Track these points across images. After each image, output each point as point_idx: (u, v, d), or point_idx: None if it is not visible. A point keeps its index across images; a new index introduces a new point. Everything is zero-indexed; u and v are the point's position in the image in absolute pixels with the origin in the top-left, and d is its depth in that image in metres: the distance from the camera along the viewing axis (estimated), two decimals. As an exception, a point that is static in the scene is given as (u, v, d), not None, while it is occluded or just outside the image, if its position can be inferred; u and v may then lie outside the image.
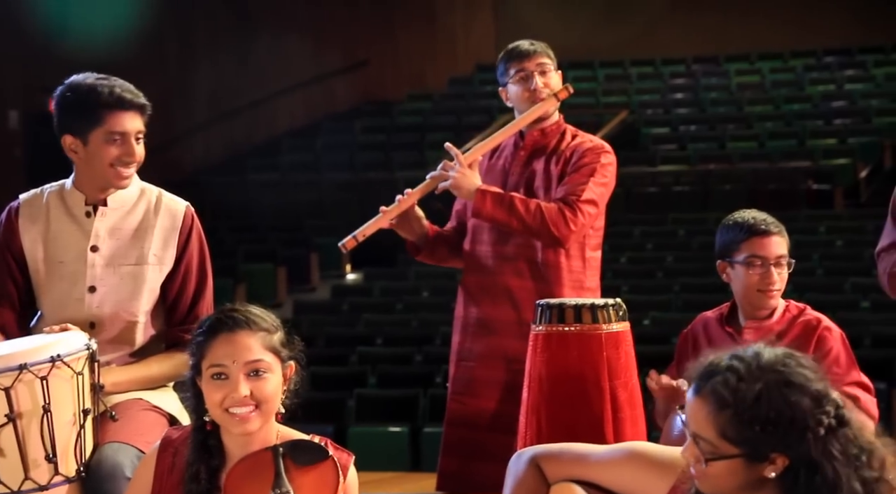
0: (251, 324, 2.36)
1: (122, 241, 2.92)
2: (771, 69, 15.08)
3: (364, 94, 15.51)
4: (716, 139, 13.57)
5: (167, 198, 3.02)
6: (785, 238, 3.16)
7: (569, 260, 3.61)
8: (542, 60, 3.68)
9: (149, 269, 2.92)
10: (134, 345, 2.90)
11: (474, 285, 3.68)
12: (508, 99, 3.76)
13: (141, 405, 2.78)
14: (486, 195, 3.57)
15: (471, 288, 3.70)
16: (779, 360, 1.87)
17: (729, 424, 1.79)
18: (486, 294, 3.65)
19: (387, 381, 8.09)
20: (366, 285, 11.00)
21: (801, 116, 13.74)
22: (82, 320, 2.83)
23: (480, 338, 3.63)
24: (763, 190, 12.25)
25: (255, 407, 2.34)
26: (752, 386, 1.80)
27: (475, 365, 3.62)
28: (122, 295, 2.89)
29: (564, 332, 2.82)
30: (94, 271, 2.89)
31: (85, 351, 2.62)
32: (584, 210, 3.55)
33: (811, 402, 1.81)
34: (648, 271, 10.48)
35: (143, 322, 2.90)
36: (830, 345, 3.10)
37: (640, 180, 12.68)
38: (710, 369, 1.87)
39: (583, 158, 3.61)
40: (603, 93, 14.94)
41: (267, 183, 13.17)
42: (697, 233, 11.29)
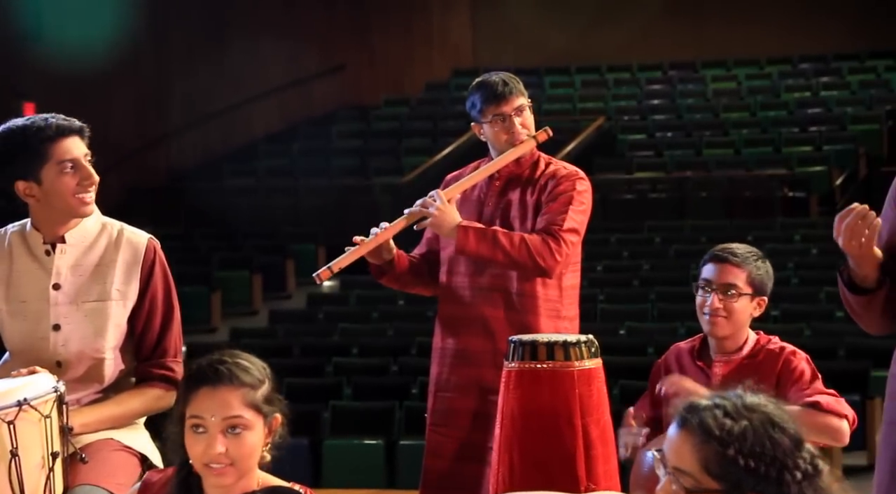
0: (234, 379, 2.33)
1: (84, 277, 2.90)
2: (747, 75, 15.14)
3: (341, 99, 15.48)
4: (692, 146, 13.61)
5: (128, 231, 2.98)
6: (745, 271, 3.15)
7: (545, 290, 3.61)
8: (518, 101, 3.68)
9: (112, 305, 2.89)
10: (103, 382, 2.87)
11: (451, 316, 3.68)
12: (482, 135, 3.75)
13: (111, 445, 2.76)
14: (468, 232, 3.57)
15: (447, 319, 3.69)
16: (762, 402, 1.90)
17: (713, 457, 1.81)
18: (463, 325, 3.64)
19: (362, 393, 8.07)
20: (342, 293, 10.97)
21: (776, 123, 13.79)
22: (48, 359, 2.80)
23: (458, 369, 3.62)
24: (739, 197, 12.30)
25: (229, 463, 2.31)
26: (739, 422, 1.82)
27: (453, 396, 3.62)
28: (86, 333, 2.86)
29: (537, 369, 2.82)
30: (58, 309, 2.87)
31: (52, 394, 2.59)
32: (567, 239, 3.56)
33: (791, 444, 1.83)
34: (625, 279, 10.50)
35: (110, 358, 2.87)
36: (795, 364, 3.13)
37: (617, 187, 12.71)
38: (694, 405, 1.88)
39: (558, 187, 3.63)
40: (580, 100, 14.97)
41: (243, 188, 13.13)
42: (674, 241, 11.32)
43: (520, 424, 2.79)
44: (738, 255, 3.17)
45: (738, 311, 3.14)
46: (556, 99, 15.08)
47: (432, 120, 14.72)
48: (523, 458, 2.78)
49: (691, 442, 1.82)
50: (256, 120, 14.83)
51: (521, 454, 2.78)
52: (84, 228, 2.93)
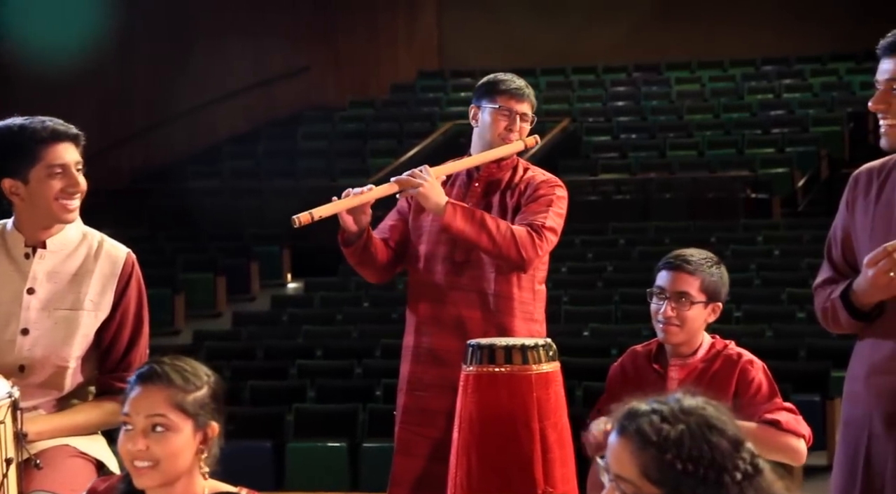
0: (165, 379, 2.31)
1: (60, 285, 2.89)
2: (711, 78, 15.22)
3: (306, 101, 15.45)
4: (656, 147, 13.68)
5: (109, 243, 2.97)
6: (698, 278, 3.16)
7: (520, 292, 3.63)
8: (527, 109, 3.74)
9: (84, 315, 2.88)
10: (62, 390, 2.86)
11: (426, 315, 3.67)
12: (476, 119, 3.76)
13: (67, 452, 2.74)
14: (456, 208, 3.57)
15: (422, 318, 3.68)
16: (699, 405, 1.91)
17: (651, 463, 1.82)
18: (438, 324, 3.63)
19: (326, 395, 8.05)
20: (306, 295, 10.95)
21: (739, 125, 13.88)
22: (11, 363, 2.79)
23: (432, 368, 3.61)
24: (702, 199, 12.37)
25: (152, 464, 2.29)
26: (676, 426, 1.83)
27: (426, 395, 3.61)
28: (54, 340, 2.85)
29: (495, 373, 2.82)
30: (29, 314, 2.86)
31: (7, 400, 2.58)
32: (547, 237, 3.59)
33: (730, 446, 1.84)
34: (589, 281, 10.53)
35: (73, 367, 2.86)
36: (753, 376, 3.15)
37: (581, 189, 12.74)
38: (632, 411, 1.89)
39: (538, 190, 3.66)
40: (544, 101, 15.00)
41: (207, 190, 13.08)
42: (638, 243, 11.36)
43: (478, 427, 2.80)
44: (691, 263, 3.18)
45: (692, 319, 3.16)
46: (521, 100, 15.07)
47: (398, 121, 14.72)
48: (481, 461, 2.79)
49: (630, 449, 1.83)
50: (221, 121, 14.78)
51: (479, 457, 2.79)
52: (65, 236, 2.92)
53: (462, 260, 3.65)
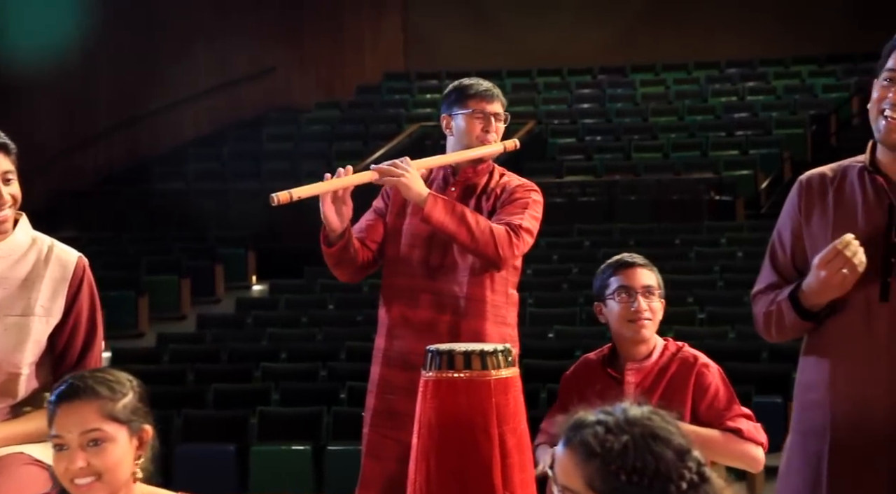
0: (90, 392, 2.30)
1: (9, 291, 2.85)
2: (675, 80, 15.30)
3: (271, 102, 15.42)
4: (621, 149, 13.73)
5: (59, 248, 2.94)
6: (653, 272, 3.24)
7: (493, 295, 3.63)
8: (499, 109, 3.73)
9: (35, 321, 2.85)
10: (16, 397, 2.83)
11: (399, 317, 3.66)
12: (450, 128, 3.75)
13: (21, 459, 2.72)
14: (437, 200, 3.56)
15: (395, 321, 3.67)
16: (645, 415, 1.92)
17: (596, 474, 1.83)
18: (410, 327, 3.63)
19: (290, 398, 8.04)
20: (271, 297, 10.92)
21: (704, 127, 13.96)
22: (-37, 371, 2.75)
23: (403, 371, 3.61)
24: (667, 200, 12.43)
25: (95, 478, 2.28)
26: (620, 438, 1.84)
27: (396, 397, 3.61)
28: (6, 346, 2.82)
29: (454, 378, 2.82)
30: None
31: (-40, 408, 2.55)
32: (524, 237, 3.60)
33: (675, 455, 1.86)
34: (554, 283, 10.56)
35: (26, 374, 2.83)
36: (710, 381, 3.17)
37: (547, 191, 12.68)
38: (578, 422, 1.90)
39: (514, 193, 3.66)
40: (510, 103, 14.97)
41: (172, 192, 13.03)
42: (602, 245, 11.40)
43: (437, 433, 2.80)
44: (643, 259, 3.27)
45: (658, 311, 3.22)
46: (487, 102, 15.09)
47: (363, 123, 14.71)
48: (440, 467, 2.79)
49: (575, 461, 1.84)
50: (186, 123, 14.72)
51: (438, 463, 2.79)
52: (14, 241, 2.88)
53: (437, 264, 3.64)
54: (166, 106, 14.52)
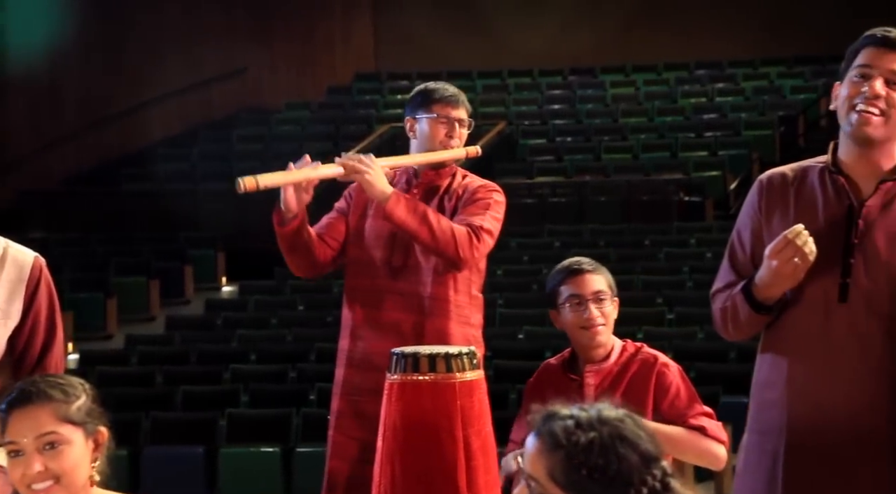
0: (43, 396, 2.29)
1: None
2: (645, 81, 15.36)
3: (242, 103, 15.38)
4: (591, 150, 13.77)
5: (14, 249, 2.90)
6: (602, 275, 3.24)
7: (456, 295, 3.63)
8: (464, 114, 3.74)
9: None
10: (-25, 401, 2.80)
11: (362, 319, 3.66)
12: (413, 131, 3.75)
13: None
14: (400, 198, 3.56)
15: (358, 322, 3.67)
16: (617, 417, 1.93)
17: (559, 466, 1.84)
18: (374, 328, 3.63)
19: (259, 400, 8.02)
20: (241, 299, 10.89)
21: (673, 128, 14.02)
22: (-79, 374, 2.73)
23: (367, 372, 3.61)
24: (637, 201, 12.48)
25: (54, 482, 2.27)
26: (588, 434, 1.85)
27: (361, 399, 3.61)
28: None
29: (419, 381, 2.82)
30: None
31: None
32: (484, 239, 3.60)
33: (639, 460, 1.86)
34: (524, 284, 10.58)
35: (-16, 377, 2.81)
36: (670, 380, 3.19)
37: (517, 191, 12.79)
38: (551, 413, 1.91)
39: (476, 194, 3.67)
40: (480, 104, 15.04)
41: (141, 193, 12.97)
42: (573, 245, 11.43)
43: (402, 436, 2.80)
44: (590, 263, 3.26)
45: (611, 315, 3.23)
46: (457, 103, 15.10)
47: (334, 124, 14.69)
48: (405, 470, 2.79)
49: (541, 450, 1.86)
50: (155, 123, 14.65)
51: (403, 466, 2.79)
52: None
53: (399, 265, 3.64)
54: (135, 106, 14.45)
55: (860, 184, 2.67)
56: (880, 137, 2.63)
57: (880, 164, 2.66)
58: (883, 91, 2.60)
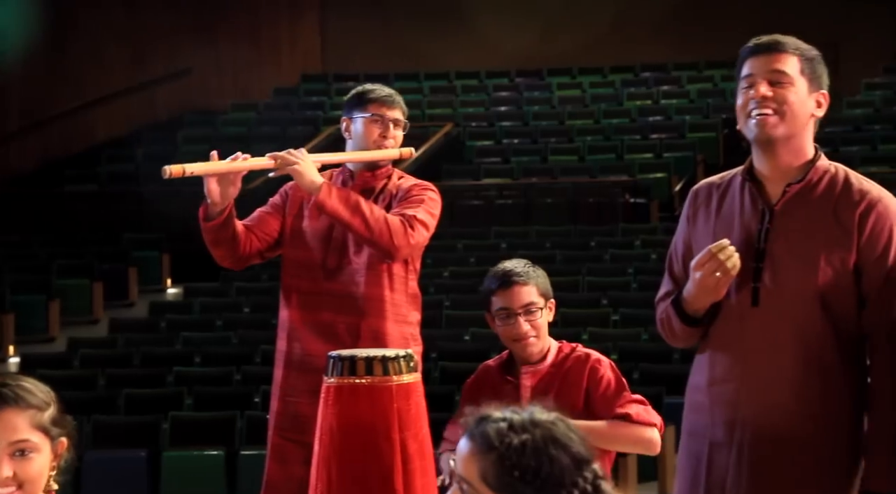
0: (20, 401, 2.27)
1: None
2: (591, 83, 15.44)
3: (186, 103, 15.27)
4: (538, 152, 13.83)
5: None
6: (533, 285, 3.23)
7: (392, 294, 3.64)
8: (399, 115, 3.75)
9: None
10: None
11: (298, 320, 3.66)
12: (349, 131, 3.76)
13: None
14: (332, 188, 3.56)
15: (295, 323, 3.67)
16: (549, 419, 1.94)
17: (491, 468, 1.85)
18: (310, 329, 3.63)
19: (203, 403, 7.97)
20: (186, 301, 10.82)
21: (619, 131, 14.11)
22: None
23: (304, 374, 3.61)
24: (583, 203, 12.54)
25: (17, 488, 2.26)
26: (520, 436, 1.86)
27: (299, 400, 3.61)
28: None
29: (355, 384, 2.83)
30: None
31: None
32: (419, 228, 3.61)
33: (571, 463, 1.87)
34: (470, 286, 10.59)
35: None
36: (602, 373, 3.23)
37: (464, 193, 12.82)
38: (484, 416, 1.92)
39: (410, 191, 3.69)
40: (428, 106, 15.05)
41: (84, 194, 12.85)
42: (519, 247, 11.46)
43: (338, 439, 2.80)
44: (520, 274, 3.24)
45: (543, 325, 3.24)
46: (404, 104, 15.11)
47: (280, 125, 14.63)
48: (341, 473, 2.79)
49: (473, 452, 1.87)
50: (99, 124, 14.52)
51: (339, 469, 2.79)
52: None
53: (334, 266, 3.64)
54: (79, 107, 14.31)
55: (771, 188, 2.73)
56: (782, 135, 2.70)
57: (790, 166, 2.72)
58: (769, 92, 2.68)
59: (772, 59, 2.69)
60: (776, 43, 2.71)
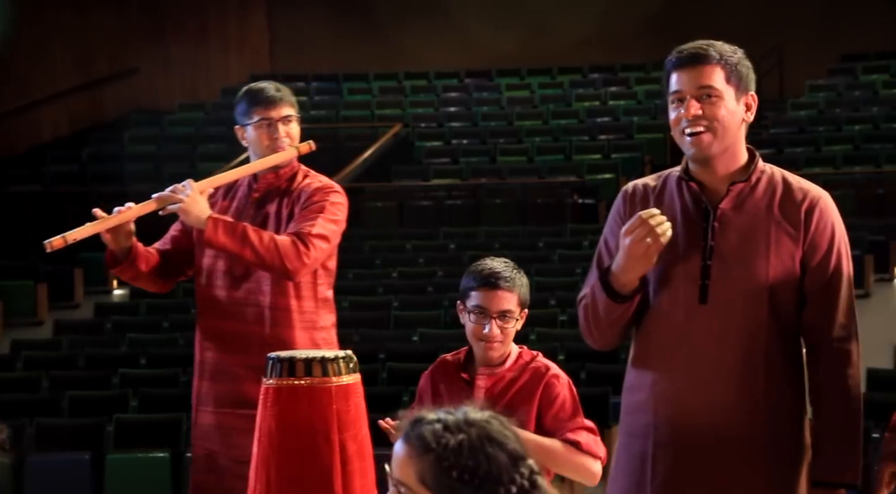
0: None
1: None
2: (540, 84, 15.49)
3: (134, 103, 15.15)
4: (487, 153, 13.85)
5: None
6: (516, 293, 3.18)
7: (300, 302, 3.61)
8: (287, 111, 3.68)
9: None
10: None
11: (210, 329, 3.65)
12: (245, 139, 3.71)
13: None
14: (217, 223, 3.52)
15: (207, 332, 3.66)
16: (484, 418, 1.95)
17: (429, 470, 1.85)
18: (221, 338, 3.61)
19: (149, 405, 7.91)
20: (132, 302, 10.73)
21: (567, 132, 14.16)
22: None
23: (217, 384, 3.59)
24: (532, 204, 12.58)
25: None
26: (456, 436, 1.86)
27: (213, 410, 3.59)
28: None
29: (294, 386, 2.81)
30: None
31: None
32: (315, 244, 3.56)
33: (508, 460, 1.88)
34: (419, 286, 10.59)
35: None
36: (557, 391, 3.20)
37: (413, 194, 12.82)
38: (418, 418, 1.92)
39: (312, 197, 3.64)
40: (377, 106, 15.04)
41: (29, 195, 12.71)
42: (468, 248, 11.49)
43: (277, 441, 2.79)
44: (508, 279, 3.17)
45: (512, 332, 3.21)
46: (353, 105, 15.11)
47: (228, 125, 14.50)
48: (280, 475, 2.78)
49: (410, 455, 1.87)
50: (44, 123, 14.37)
51: (278, 471, 2.78)
52: None
53: (241, 274, 3.61)
54: (23, 106, 14.15)
55: (713, 187, 2.75)
56: (717, 151, 2.73)
57: (728, 171, 2.75)
58: (699, 110, 2.69)
59: (698, 74, 2.69)
60: (700, 55, 2.70)
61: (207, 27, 15.76)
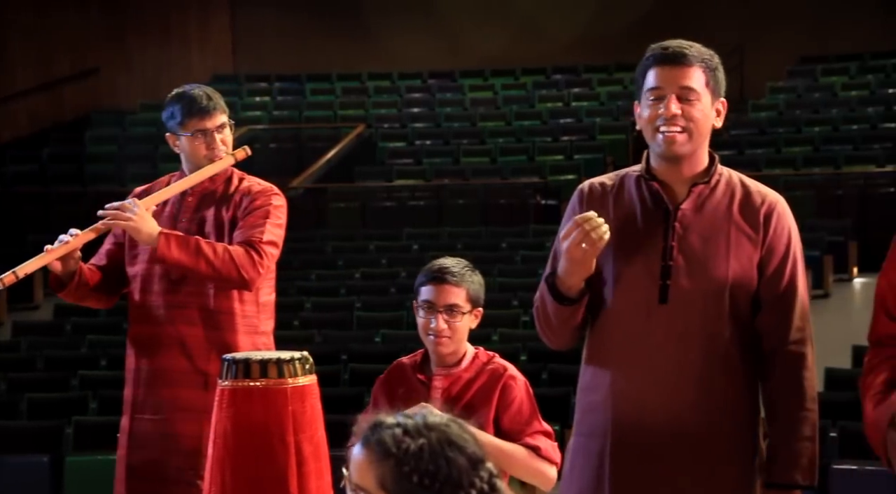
0: None
1: None
2: (503, 85, 15.51)
3: (95, 103, 15.06)
4: (450, 154, 13.87)
5: None
6: (465, 288, 3.20)
7: (242, 306, 3.59)
8: (221, 119, 3.64)
9: None
10: None
11: (145, 336, 3.59)
12: (178, 146, 3.67)
13: None
14: (170, 239, 3.49)
15: (141, 340, 3.60)
16: (443, 422, 1.95)
17: (389, 474, 1.85)
18: (158, 344, 3.57)
19: (109, 406, 7.85)
20: (92, 303, 10.66)
21: (531, 133, 14.20)
22: None
23: (155, 390, 3.55)
24: (495, 204, 12.61)
25: None
26: (416, 440, 1.86)
27: (151, 417, 3.55)
28: None
29: (250, 387, 2.81)
30: None
31: None
32: (267, 252, 3.55)
33: (468, 464, 1.89)
34: (382, 287, 10.59)
35: None
36: (515, 394, 3.20)
37: (376, 195, 12.81)
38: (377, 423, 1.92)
39: (254, 202, 3.62)
40: (340, 107, 15.01)
41: (-12, 195, 12.61)
42: (431, 248, 11.48)
43: (232, 442, 2.78)
44: (455, 274, 3.21)
45: (462, 329, 3.21)
46: (316, 106, 15.08)
47: (190, 126, 14.48)
48: (235, 477, 2.77)
49: (370, 460, 1.87)
50: (3, 124, 14.26)
51: (234, 472, 2.77)
52: None
53: (179, 277, 3.57)
54: (-18, 106, 14.05)
55: (674, 188, 2.76)
56: (688, 152, 2.74)
57: (691, 172, 2.76)
58: (679, 109, 2.69)
59: (680, 74, 2.69)
60: (684, 55, 2.70)
61: (169, 27, 15.69)
